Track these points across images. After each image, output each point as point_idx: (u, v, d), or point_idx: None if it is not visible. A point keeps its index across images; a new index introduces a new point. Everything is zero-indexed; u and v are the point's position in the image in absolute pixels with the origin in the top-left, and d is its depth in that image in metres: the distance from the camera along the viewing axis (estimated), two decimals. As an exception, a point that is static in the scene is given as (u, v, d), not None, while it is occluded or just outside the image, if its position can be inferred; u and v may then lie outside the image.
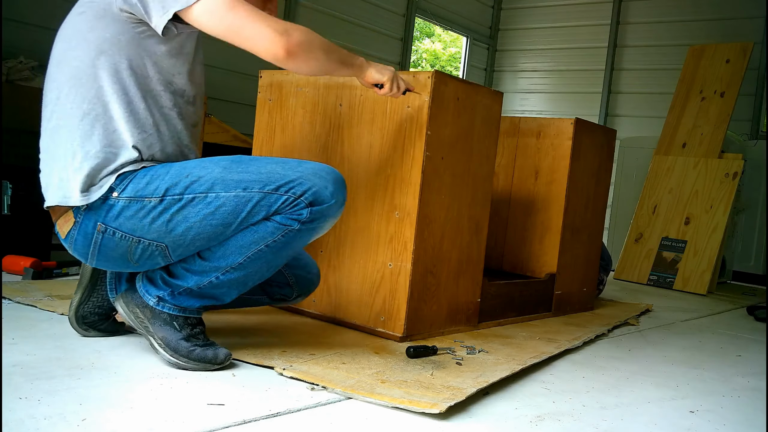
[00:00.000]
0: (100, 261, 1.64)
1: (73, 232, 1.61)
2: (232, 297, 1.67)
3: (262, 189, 1.57)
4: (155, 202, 1.56)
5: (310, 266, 1.95)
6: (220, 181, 1.57)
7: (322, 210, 1.59)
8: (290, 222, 1.58)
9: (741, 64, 4.93)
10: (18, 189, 2.72)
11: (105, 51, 1.57)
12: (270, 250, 1.60)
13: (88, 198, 1.56)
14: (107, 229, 1.58)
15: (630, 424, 1.57)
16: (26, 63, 3.90)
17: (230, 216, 1.57)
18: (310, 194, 1.57)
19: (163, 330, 1.63)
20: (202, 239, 1.59)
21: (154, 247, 1.59)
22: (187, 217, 1.56)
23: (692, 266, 4.49)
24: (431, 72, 2.06)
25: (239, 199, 1.56)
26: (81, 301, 1.80)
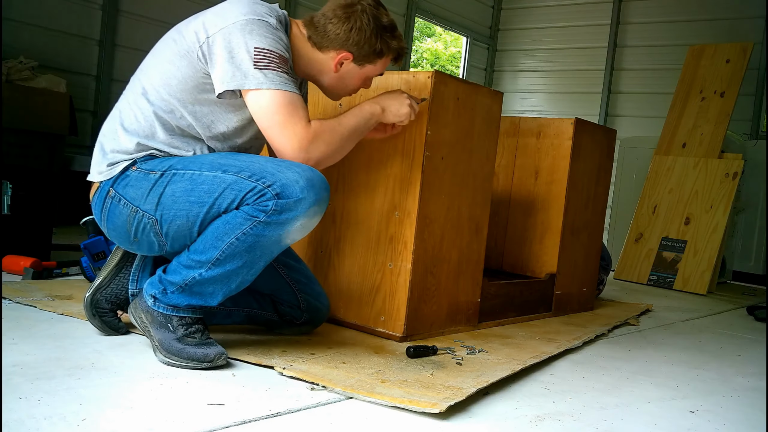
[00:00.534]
0: (110, 228, 1.74)
1: (95, 196, 1.75)
2: (218, 298, 1.68)
3: (237, 173, 1.61)
4: (157, 176, 1.66)
5: (321, 297, 2.00)
6: (209, 163, 1.65)
7: (289, 204, 1.59)
8: (257, 212, 1.59)
9: (741, 64, 4.93)
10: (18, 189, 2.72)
11: (172, 87, 1.69)
12: (241, 244, 1.61)
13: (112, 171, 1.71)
14: (115, 194, 1.69)
15: (630, 424, 1.57)
16: (26, 63, 3.90)
17: (205, 195, 1.62)
18: (278, 185, 1.58)
19: (159, 332, 1.66)
20: (182, 217, 1.64)
21: (147, 219, 1.67)
22: (174, 191, 1.64)
23: (692, 266, 4.49)
24: (431, 72, 2.06)
25: (216, 179, 1.62)
26: (101, 284, 1.85)
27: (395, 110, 1.89)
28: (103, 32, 4.56)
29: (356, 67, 1.84)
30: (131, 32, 4.66)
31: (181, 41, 1.69)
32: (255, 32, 1.63)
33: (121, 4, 4.62)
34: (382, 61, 1.86)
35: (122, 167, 1.70)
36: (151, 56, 1.77)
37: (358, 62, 1.83)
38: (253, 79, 1.63)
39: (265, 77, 1.63)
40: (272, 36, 1.66)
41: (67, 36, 4.43)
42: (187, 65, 1.68)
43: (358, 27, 1.78)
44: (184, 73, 1.68)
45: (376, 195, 2.14)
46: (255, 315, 1.96)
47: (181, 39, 1.69)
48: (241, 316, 1.94)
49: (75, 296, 2.24)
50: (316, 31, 1.80)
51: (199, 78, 1.68)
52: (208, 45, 1.65)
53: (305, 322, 1.99)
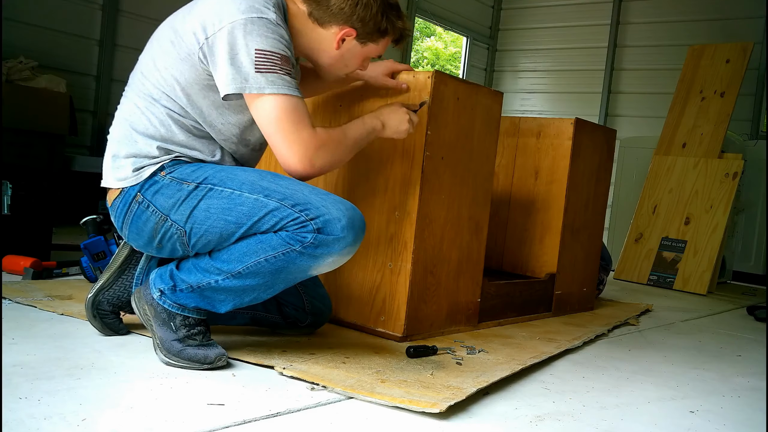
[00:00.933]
0: (132, 233, 1.71)
1: (117, 200, 1.71)
2: (227, 308, 1.68)
3: (281, 200, 1.58)
4: (191, 187, 1.64)
5: (325, 299, 2.00)
6: (249, 184, 1.62)
7: (328, 240, 1.57)
8: (294, 241, 1.57)
9: (741, 64, 4.93)
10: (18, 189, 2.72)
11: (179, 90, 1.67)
12: (269, 265, 1.59)
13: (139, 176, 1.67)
14: (143, 200, 1.66)
15: (630, 424, 1.57)
16: (26, 63, 3.90)
17: (244, 216, 1.59)
18: (320, 221, 1.57)
19: (161, 330, 1.65)
20: (214, 234, 1.62)
21: (175, 229, 1.64)
22: (209, 206, 1.62)
23: (692, 266, 4.49)
24: (431, 72, 2.06)
25: (258, 203, 1.59)
26: (104, 285, 1.83)
27: (395, 127, 1.88)
28: (103, 32, 4.56)
29: (358, 44, 1.80)
30: (131, 32, 4.66)
31: (180, 43, 1.66)
32: (255, 32, 1.59)
33: (121, 4, 4.62)
34: (384, 40, 1.83)
35: (150, 172, 1.66)
36: (150, 58, 1.72)
37: (360, 40, 1.79)
38: (254, 84, 1.60)
39: (267, 81, 1.60)
40: (273, 35, 1.61)
41: (67, 36, 4.43)
42: (189, 68, 1.65)
43: (364, 3, 1.74)
44: (188, 77, 1.66)
45: (376, 195, 2.14)
46: (259, 318, 1.95)
47: (179, 41, 1.66)
48: (245, 318, 1.94)
49: (75, 296, 2.24)
50: (318, 6, 1.75)
51: (203, 80, 1.66)
52: (208, 46, 1.62)
53: (309, 324, 1.99)
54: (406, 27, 1.85)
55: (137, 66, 1.77)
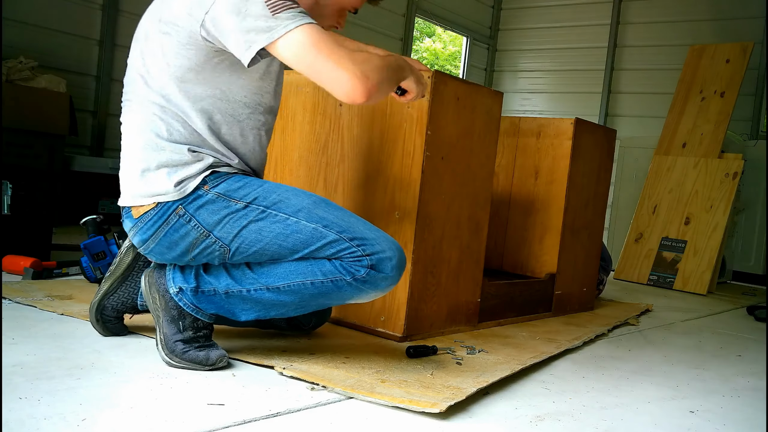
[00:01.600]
0: (161, 245, 1.64)
1: (150, 213, 1.63)
2: (249, 318, 1.68)
3: (340, 233, 1.59)
4: (240, 206, 1.61)
5: None
6: (305, 211, 1.61)
7: (378, 278, 1.60)
8: (346, 272, 1.59)
9: (741, 64, 4.93)
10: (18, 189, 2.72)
11: (189, 80, 1.60)
12: (313, 288, 1.61)
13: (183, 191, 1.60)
14: (185, 214, 1.61)
15: (630, 424, 1.57)
16: (26, 63, 3.90)
17: (301, 244, 1.60)
18: (375, 258, 1.59)
19: (168, 327, 1.64)
20: (264, 255, 1.62)
21: (218, 246, 1.62)
22: (261, 229, 1.60)
23: (692, 266, 4.49)
24: (431, 72, 2.05)
25: (317, 232, 1.59)
26: (108, 291, 1.82)
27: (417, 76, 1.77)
28: (103, 32, 4.56)
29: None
30: (131, 32, 4.61)
31: (176, 30, 1.56)
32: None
33: (121, 4, 4.62)
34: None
35: (194, 186, 1.60)
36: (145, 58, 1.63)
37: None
38: (277, 27, 1.47)
39: (288, 17, 1.48)
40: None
41: (67, 36, 4.43)
42: (195, 52, 1.57)
43: None
44: (196, 61, 1.58)
45: (376, 195, 2.14)
46: (263, 320, 1.94)
47: (174, 28, 1.56)
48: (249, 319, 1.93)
49: (75, 296, 2.24)
50: None
51: (212, 58, 1.59)
52: (211, 20, 1.51)
53: (313, 326, 1.99)
54: None
55: (131, 72, 1.68)
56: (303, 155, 2.29)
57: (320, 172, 2.25)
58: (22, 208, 2.73)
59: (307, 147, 2.29)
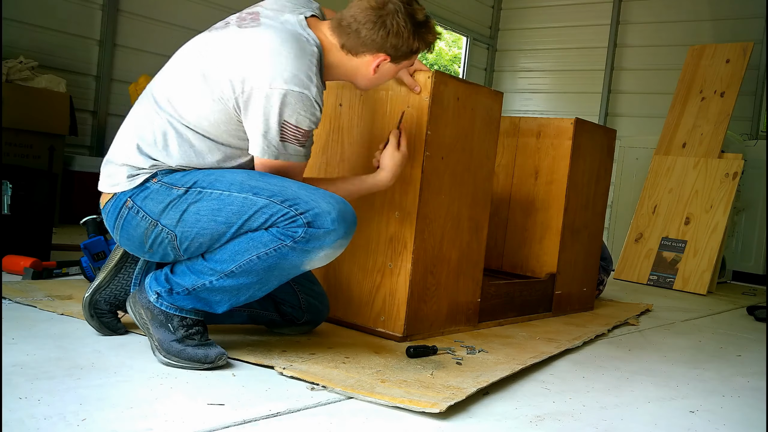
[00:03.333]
0: (123, 238, 1.72)
1: (108, 204, 1.72)
2: (224, 308, 1.69)
3: (270, 197, 1.59)
4: (181, 192, 1.64)
5: (322, 297, 2.01)
6: (238, 183, 1.62)
7: (318, 234, 1.59)
8: (284, 237, 1.59)
9: (741, 64, 4.93)
10: (18, 189, 2.72)
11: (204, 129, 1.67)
12: (261, 263, 1.61)
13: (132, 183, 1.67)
14: (133, 206, 1.66)
15: (630, 424, 1.57)
16: (26, 63, 3.91)
17: (234, 215, 1.60)
18: (310, 214, 1.58)
19: (159, 332, 1.66)
20: (205, 236, 1.63)
21: (165, 233, 1.65)
22: (199, 209, 1.62)
23: (692, 266, 4.49)
24: (431, 72, 2.05)
25: (247, 201, 1.60)
26: (100, 285, 1.84)
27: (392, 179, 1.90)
28: (103, 32, 4.56)
29: (393, 65, 1.82)
30: (131, 32, 4.66)
31: (214, 85, 1.64)
32: (291, 107, 1.61)
33: (121, 4, 4.62)
34: (416, 55, 1.85)
35: (142, 179, 1.66)
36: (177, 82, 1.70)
37: (395, 61, 1.81)
38: (273, 150, 1.65)
39: (283, 148, 1.65)
40: (306, 113, 1.63)
41: (67, 36, 4.43)
42: (221, 111, 1.65)
43: (395, 31, 1.73)
44: (218, 118, 1.66)
45: (376, 195, 2.14)
46: (256, 315, 1.96)
47: (213, 82, 1.64)
48: (242, 316, 1.94)
49: (75, 296, 2.24)
50: (349, 38, 1.74)
51: (232, 122, 1.67)
52: (243, 100, 1.62)
53: (306, 322, 1.99)
54: (437, 38, 1.85)
55: (159, 83, 1.74)
56: (303, 155, 2.29)
57: (320, 172, 2.25)
58: (22, 208, 2.73)
59: (307, 147, 2.28)
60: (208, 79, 1.65)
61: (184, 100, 1.67)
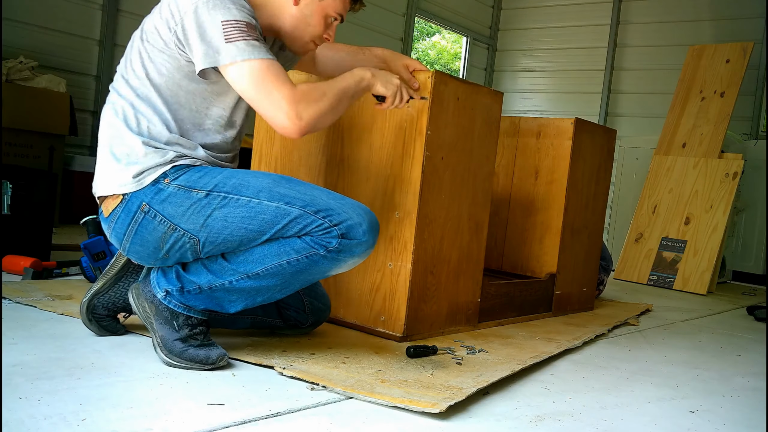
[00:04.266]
0: (134, 244, 1.68)
1: (118, 210, 1.67)
2: (237, 308, 1.68)
3: (303, 207, 1.60)
4: (202, 195, 1.62)
5: (324, 297, 2.01)
6: (266, 191, 1.62)
7: (351, 245, 1.61)
8: (318, 246, 1.60)
9: (741, 64, 4.93)
10: (18, 189, 2.72)
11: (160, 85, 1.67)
12: (290, 268, 1.62)
13: (141, 183, 1.64)
14: (150, 210, 1.64)
15: (630, 424, 1.57)
16: (26, 63, 3.91)
17: (267, 225, 1.60)
18: (344, 226, 1.60)
19: (163, 329, 1.65)
20: (233, 241, 1.62)
21: (187, 238, 1.63)
22: (226, 215, 1.61)
23: (692, 266, 4.49)
24: (431, 72, 2.06)
25: (280, 210, 1.60)
26: (100, 290, 1.82)
27: (384, 79, 1.84)
28: (103, 32, 4.56)
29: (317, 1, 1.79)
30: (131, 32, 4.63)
31: (154, 36, 1.65)
32: (218, 6, 1.60)
33: (121, 4, 4.62)
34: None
35: (152, 179, 1.63)
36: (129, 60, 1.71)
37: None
38: (226, 54, 1.59)
39: (238, 49, 1.59)
40: (234, 6, 1.61)
41: (67, 36, 4.43)
42: (169, 58, 1.65)
43: None
44: (169, 67, 1.65)
45: (376, 195, 2.14)
46: (260, 322, 1.95)
47: (153, 35, 1.65)
48: (246, 323, 1.94)
49: (75, 296, 2.24)
50: None
51: (184, 66, 1.65)
52: (181, 29, 1.61)
53: (310, 325, 1.99)
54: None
55: (117, 74, 1.75)
56: (303, 156, 2.29)
57: (320, 172, 2.25)
58: (22, 208, 2.73)
59: (307, 148, 2.29)
60: (149, 38, 1.66)
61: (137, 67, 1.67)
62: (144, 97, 1.67)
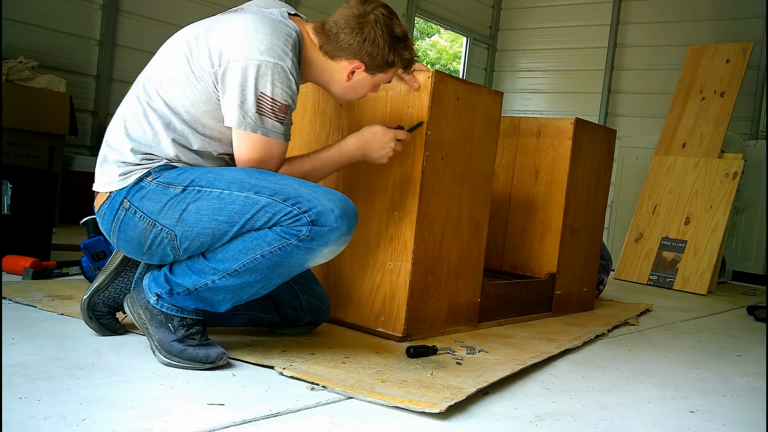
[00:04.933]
0: (120, 240, 1.71)
1: (104, 206, 1.71)
2: (226, 306, 1.69)
3: (272, 196, 1.60)
4: (179, 191, 1.64)
5: (323, 298, 2.01)
6: (237, 182, 1.63)
7: (323, 232, 1.60)
8: (288, 236, 1.59)
9: (741, 64, 4.93)
10: (18, 189, 2.72)
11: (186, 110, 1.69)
12: (265, 261, 1.61)
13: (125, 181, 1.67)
14: (130, 206, 1.66)
15: (630, 424, 1.57)
16: (26, 63, 3.91)
17: (236, 215, 1.60)
18: (313, 212, 1.59)
19: (159, 332, 1.65)
20: (207, 235, 1.62)
21: (165, 233, 1.64)
22: (199, 208, 1.62)
23: (692, 266, 4.49)
24: (431, 72, 2.06)
25: (248, 200, 1.60)
26: (100, 287, 1.83)
27: (376, 155, 1.91)
28: (103, 32, 4.56)
29: (368, 75, 1.84)
30: (131, 32, 4.66)
31: (195, 62, 1.67)
32: (267, 77, 1.63)
33: (121, 4, 4.62)
34: (393, 70, 1.87)
35: (136, 177, 1.66)
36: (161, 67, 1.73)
37: (370, 71, 1.83)
38: (249, 123, 1.65)
39: (260, 122, 1.66)
40: (282, 85, 1.65)
41: (67, 36, 4.43)
42: (201, 89, 1.67)
43: (371, 39, 1.77)
44: (198, 96, 1.68)
45: (376, 195, 2.14)
46: (257, 318, 1.95)
47: (194, 60, 1.68)
48: (243, 319, 1.94)
49: (75, 296, 2.24)
50: (328, 40, 1.78)
51: (212, 101, 1.69)
52: (221, 73, 1.65)
53: (307, 323, 1.99)
54: (413, 56, 1.88)
55: (146, 71, 1.76)
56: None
57: (320, 172, 2.25)
58: (22, 208, 2.73)
59: (307, 147, 2.28)
60: (191, 60, 1.68)
61: (169, 81, 1.69)
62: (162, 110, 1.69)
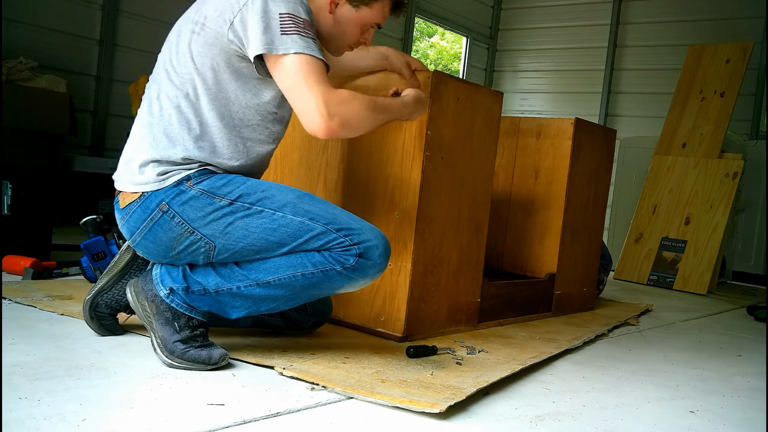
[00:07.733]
0: (145, 240, 1.68)
1: (134, 205, 1.67)
2: (239, 314, 1.69)
3: (327, 225, 1.63)
4: (225, 203, 1.63)
5: (326, 299, 2.02)
6: (291, 205, 1.64)
7: (366, 265, 1.64)
8: (335, 262, 1.62)
9: (741, 64, 4.93)
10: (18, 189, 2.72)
11: (207, 80, 1.66)
12: (304, 280, 1.64)
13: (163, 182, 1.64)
14: (169, 210, 1.64)
15: (630, 424, 1.57)
16: (26, 63, 3.90)
17: (289, 238, 1.62)
18: (363, 246, 1.63)
19: (163, 329, 1.64)
20: (250, 251, 1.64)
21: (203, 243, 1.64)
22: (248, 225, 1.62)
23: (692, 266, 4.49)
24: (431, 72, 2.05)
25: (304, 225, 1.62)
26: (103, 288, 1.83)
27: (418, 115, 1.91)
28: (103, 32, 4.56)
29: (351, 8, 1.81)
30: (131, 32, 4.66)
31: (205, 30, 1.65)
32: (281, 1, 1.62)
33: (121, 4, 4.62)
34: (378, 4, 1.83)
35: (175, 180, 1.63)
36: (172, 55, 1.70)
37: (353, 3, 1.80)
38: (280, 45, 1.60)
39: (292, 41, 1.60)
40: (297, 3, 1.64)
41: (67, 36, 4.43)
42: (219, 52, 1.65)
43: None
44: (219, 62, 1.65)
45: (376, 195, 2.14)
46: (261, 321, 1.95)
47: (203, 28, 1.65)
48: (247, 322, 1.93)
49: (75, 296, 2.24)
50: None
51: (234, 61, 1.66)
52: (240, 20, 1.62)
53: (311, 325, 2.00)
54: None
55: (157, 68, 1.75)
56: (303, 156, 2.29)
57: (320, 172, 2.25)
58: (22, 208, 2.73)
59: (308, 147, 2.29)
60: (198, 31, 1.66)
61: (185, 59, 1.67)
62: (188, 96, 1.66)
